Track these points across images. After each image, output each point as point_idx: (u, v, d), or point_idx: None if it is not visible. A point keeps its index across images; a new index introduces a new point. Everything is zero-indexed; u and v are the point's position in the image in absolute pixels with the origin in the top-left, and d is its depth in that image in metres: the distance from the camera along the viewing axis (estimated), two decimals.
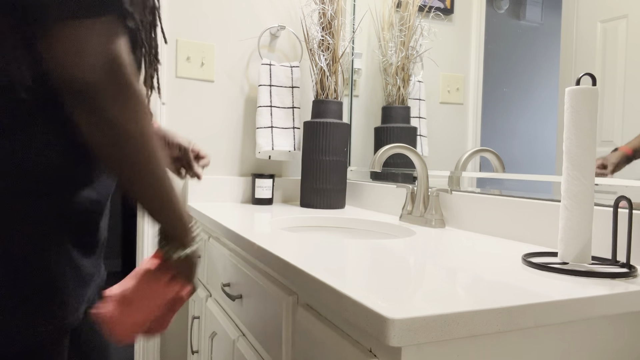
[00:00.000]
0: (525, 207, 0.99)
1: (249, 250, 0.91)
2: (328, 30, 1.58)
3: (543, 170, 1.00)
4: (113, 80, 0.53)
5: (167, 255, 0.69)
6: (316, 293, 0.63)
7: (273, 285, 0.86)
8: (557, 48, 0.97)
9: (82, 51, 0.51)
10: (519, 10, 1.07)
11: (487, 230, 1.08)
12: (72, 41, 0.50)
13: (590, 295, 0.59)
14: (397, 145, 1.19)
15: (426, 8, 1.37)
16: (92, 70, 0.51)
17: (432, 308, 0.51)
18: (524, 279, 0.66)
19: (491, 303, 0.54)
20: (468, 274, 0.68)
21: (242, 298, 1.03)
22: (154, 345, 1.67)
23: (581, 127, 0.71)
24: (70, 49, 0.50)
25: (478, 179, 1.17)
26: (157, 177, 0.61)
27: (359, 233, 1.29)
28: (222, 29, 1.71)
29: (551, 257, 0.81)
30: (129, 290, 0.69)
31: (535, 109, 1.03)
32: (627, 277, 0.68)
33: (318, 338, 0.66)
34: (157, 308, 0.70)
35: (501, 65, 1.12)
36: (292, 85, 1.70)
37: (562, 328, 0.60)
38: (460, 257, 0.81)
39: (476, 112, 1.19)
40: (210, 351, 1.30)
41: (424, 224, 1.19)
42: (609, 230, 0.82)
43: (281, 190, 1.80)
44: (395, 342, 0.48)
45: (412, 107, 1.45)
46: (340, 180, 1.56)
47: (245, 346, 1.01)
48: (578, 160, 0.72)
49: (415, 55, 1.43)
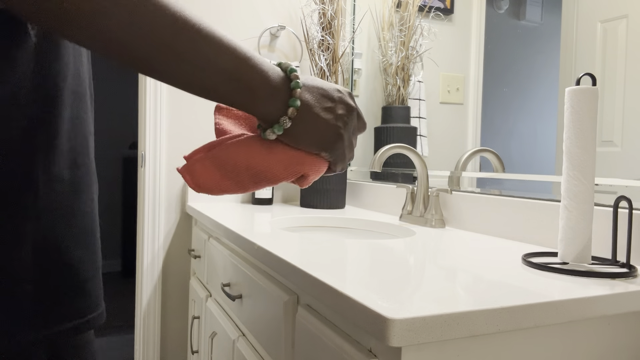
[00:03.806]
0: (525, 207, 0.99)
1: (249, 250, 0.91)
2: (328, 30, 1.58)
3: (543, 170, 1.00)
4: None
5: (268, 136, 0.47)
6: (316, 293, 0.63)
7: (273, 285, 0.86)
8: (557, 48, 0.97)
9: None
10: (519, 10, 1.07)
11: (487, 230, 1.08)
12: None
13: (590, 295, 0.59)
14: (397, 145, 1.19)
15: (426, 8, 1.37)
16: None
17: (432, 308, 0.51)
18: (524, 279, 0.66)
19: (491, 303, 0.54)
20: (468, 274, 0.68)
21: (242, 298, 1.03)
22: (154, 345, 1.67)
23: (581, 127, 0.71)
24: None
25: (478, 179, 1.17)
26: (167, 20, 0.39)
27: (359, 233, 1.29)
28: (222, 29, 1.71)
29: (551, 257, 0.81)
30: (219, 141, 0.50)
31: (535, 109, 1.03)
32: (627, 277, 0.68)
33: (318, 338, 0.66)
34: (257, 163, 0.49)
35: (501, 65, 1.12)
36: None
37: (562, 328, 0.60)
38: (460, 257, 0.81)
39: (476, 112, 1.19)
40: (210, 351, 1.30)
41: (424, 224, 1.19)
42: (609, 230, 0.82)
43: (281, 190, 1.80)
44: (396, 342, 0.48)
45: (412, 107, 1.45)
46: (340, 180, 1.56)
47: (245, 346, 1.01)
48: (578, 160, 0.72)
49: (415, 55, 1.43)
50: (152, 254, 1.66)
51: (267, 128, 0.47)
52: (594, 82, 0.73)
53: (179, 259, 1.71)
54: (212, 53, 0.41)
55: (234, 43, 0.43)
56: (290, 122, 0.46)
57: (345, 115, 0.50)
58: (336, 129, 0.49)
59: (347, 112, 0.50)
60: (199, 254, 1.51)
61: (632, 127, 0.83)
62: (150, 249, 1.65)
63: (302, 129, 0.47)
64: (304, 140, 0.48)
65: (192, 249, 1.61)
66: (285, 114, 0.46)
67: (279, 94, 0.46)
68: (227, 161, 0.48)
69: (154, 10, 0.38)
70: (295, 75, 0.47)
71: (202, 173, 0.48)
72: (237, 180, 0.49)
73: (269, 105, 0.45)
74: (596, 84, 0.74)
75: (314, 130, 0.48)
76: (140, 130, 1.69)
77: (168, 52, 0.39)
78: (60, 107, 0.52)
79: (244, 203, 1.69)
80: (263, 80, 0.44)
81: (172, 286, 1.70)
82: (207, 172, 0.48)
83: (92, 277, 0.55)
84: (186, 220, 1.72)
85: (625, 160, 0.84)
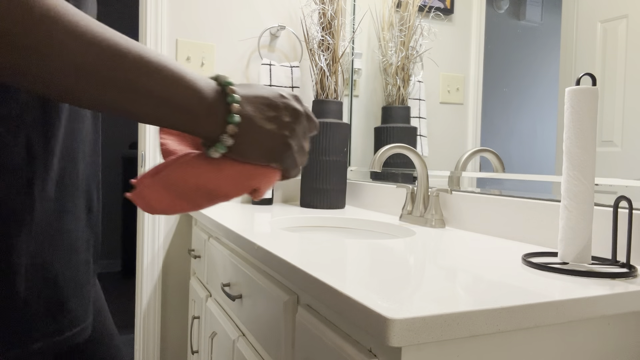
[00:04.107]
0: (525, 207, 0.99)
1: (249, 250, 0.91)
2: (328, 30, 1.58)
3: (543, 170, 1.00)
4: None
5: (213, 154, 0.46)
6: (316, 293, 0.63)
7: (273, 285, 0.86)
8: (557, 48, 0.97)
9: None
10: (519, 10, 1.07)
11: (487, 230, 1.08)
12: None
13: (590, 295, 0.59)
14: (397, 145, 1.19)
15: (426, 8, 1.37)
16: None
17: (432, 308, 0.51)
18: (524, 279, 0.66)
19: (491, 303, 0.54)
20: (468, 274, 0.68)
21: (242, 298, 1.03)
22: (154, 345, 1.67)
23: (581, 127, 0.71)
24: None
25: (478, 179, 1.17)
26: (99, 51, 0.37)
27: (359, 233, 1.29)
28: (222, 29, 1.71)
29: (551, 257, 0.81)
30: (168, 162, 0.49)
31: (535, 109, 1.03)
32: (627, 277, 0.68)
33: (318, 338, 0.66)
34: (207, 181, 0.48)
35: (501, 65, 1.12)
36: (292, 85, 1.70)
37: (562, 328, 0.60)
38: (460, 257, 0.81)
39: (476, 112, 1.19)
40: (210, 351, 1.30)
41: (424, 224, 1.19)
42: (609, 230, 0.82)
43: (281, 190, 1.80)
44: (396, 342, 0.48)
45: (412, 107, 1.45)
46: (340, 180, 1.56)
47: (245, 346, 1.01)
48: (578, 160, 0.72)
49: (415, 55, 1.43)
50: (152, 254, 1.66)
51: (210, 146, 0.46)
52: (594, 82, 0.73)
53: (179, 259, 1.71)
54: (140, 77, 0.39)
55: (164, 64, 0.41)
56: (231, 139, 0.44)
57: (292, 122, 0.48)
58: (283, 139, 0.47)
59: (293, 117, 0.48)
60: (199, 254, 1.51)
61: (632, 127, 0.83)
62: (150, 249, 1.65)
63: (247, 143, 0.46)
64: (251, 154, 0.47)
65: (192, 249, 1.61)
66: (225, 131, 0.44)
67: (217, 111, 0.44)
68: (176, 183, 0.47)
69: (64, 37, 0.35)
70: (231, 89, 0.45)
71: (153, 197, 0.47)
72: (189, 199, 0.48)
73: (207, 124, 0.44)
74: (596, 84, 0.74)
75: (259, 142, 0.46)
76: (140, 130, 1.69)
77: (90, 79, 0.37)
78: (59, 116, 0.52)
79: (244, 203, 1.69)
80: (198, 100, 0.43)
81: (172, 286, 1.70)
82: (158, 195, 0.47)
83: (74, 295, 0.55)
84: (186, 220, 1.72)
85: (625, 160, 0.84)
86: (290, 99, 0.49)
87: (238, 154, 0.46)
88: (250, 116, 0.45)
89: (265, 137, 0.46)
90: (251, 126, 0.45)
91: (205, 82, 0.44)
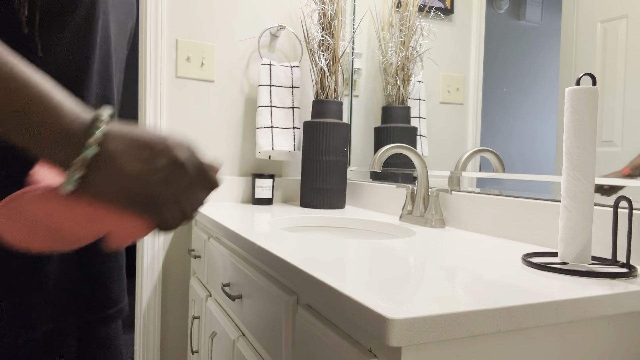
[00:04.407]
0: (525, 207, 0.99)
1: (249, 250, 0.91)
2: (328, 30, 1.58)
3: (543, 170, 1.00)
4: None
5: (62, 189, 0.42)
6: (316, 293, 0.63)
7: (273, 285, 0.86)
8: (557, 48, 0.97)
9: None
10: (519, 10, 1.07)
11: (487, 230, 1.08)
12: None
13: (590, 295, 0.59)
14: (397, 145, 1.19)
15: (426, 8, 1.37)
16: None
17: (432, 308, 0.51)
18: (524, 279, 0.66)
19: (491, 303, 0.54)
20: (468, 274, 0.68)
21: (242, 298, 1.03)
22: (154, 345, 1.67)
23: (581, 127, 0.71)
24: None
25: (478, 179, 1.17)
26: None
27: (359, 233, 1.29)
28: (222, 29, 1.71)
29: (551, 257, 0.81)
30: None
31: (535, 109, 1.03)
32: (627, 277, 0.68)
33: (318, 338, 0.66)
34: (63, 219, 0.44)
35: (501, 65, 1.12)
36: (292, 85, 1.70)
37: (562, 328, 0.60)
38: (460, 257, 0.81)
39: (476, 112, 1.19)
40: (210, 351, 1.30)
41: (424, 224, 1.19)
42: (609, 230, 0.82)
43: (281, 190, 1.80)
44: (396, 342, 0.48)
45: (412, 107, 1.45)
46: (340, 180, 1.56)
47: (245, 346, 1.01)
48: (578, 160, 0.72)
49: (415, 55, 1.43)
50: (152, 254, 1.66)
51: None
52: (594, 82, 0.73)
53: (179, 259, 1.71)
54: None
55: (33, 82, 0.39)
56: (80, 173, 0.40)
57: (168, 169, 0.43)
58: (148, 185, 0.42)
59: (171, 165, 0.43)
60: (199, 254, 1.51)
61: (632, 127, 0.83)
62: (150, 249, 1.65)
63: (102, 182, 0.41)
64: (106, 195, 0.42)
65: (192, 249, 1.61)
66: (74, 163, 0.40)
67: (72, 140, 0.40)
68: (26, 217, 0.42)
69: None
70: (99, 121, 0.41)
71: (6, 229, 0.42)
72: (42, 237, 0.43)
73: (58, 151, 0.40)
74: (596, 84, 0.74)
75: (117, 183, 0.41)
76: None
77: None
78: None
79: (244, 203, 1.69)
80: (52, 122, 0.39)
81: (172, 286, 1.70)
82: (8, 227, 0.42)
83: (113, 276, 0.65)
84: None
85: (625, 160, 0.84)
86: (175, 148, 0.44)
87: (92, 192, 0.42)
88: (112, 153, 0.41)
89: (126, 179, 0.42)
90: (109, 163, 0.41)
91: (74, 110, 0.41)
